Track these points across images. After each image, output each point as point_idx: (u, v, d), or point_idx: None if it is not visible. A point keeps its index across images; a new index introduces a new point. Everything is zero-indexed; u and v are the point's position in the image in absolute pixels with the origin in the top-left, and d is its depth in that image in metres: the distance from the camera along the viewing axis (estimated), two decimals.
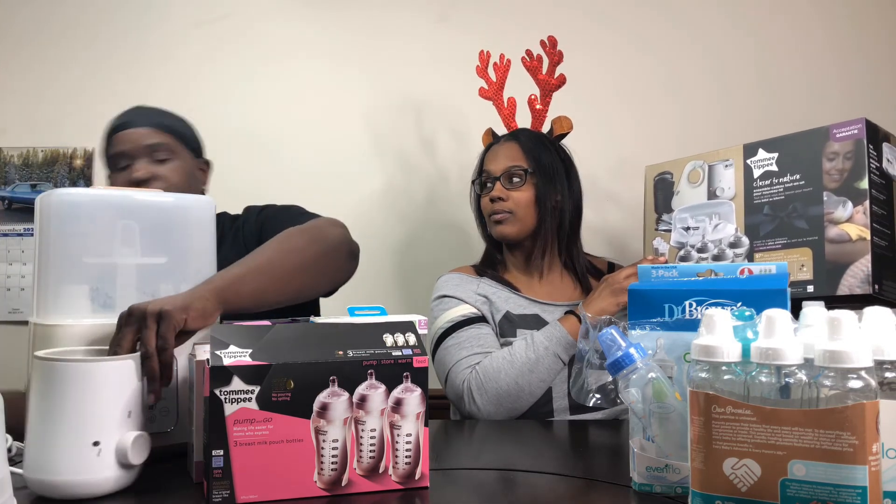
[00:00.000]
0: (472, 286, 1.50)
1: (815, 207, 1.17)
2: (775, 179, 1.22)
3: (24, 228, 1.98)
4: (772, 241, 1.20)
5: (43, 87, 2.00)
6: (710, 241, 1.28)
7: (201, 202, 1.06)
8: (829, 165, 1.16)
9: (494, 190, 1.49)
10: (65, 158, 1.99)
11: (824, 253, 1.15)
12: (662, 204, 1.38)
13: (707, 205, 1.30)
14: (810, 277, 1.16)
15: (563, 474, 0.92)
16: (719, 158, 1.31)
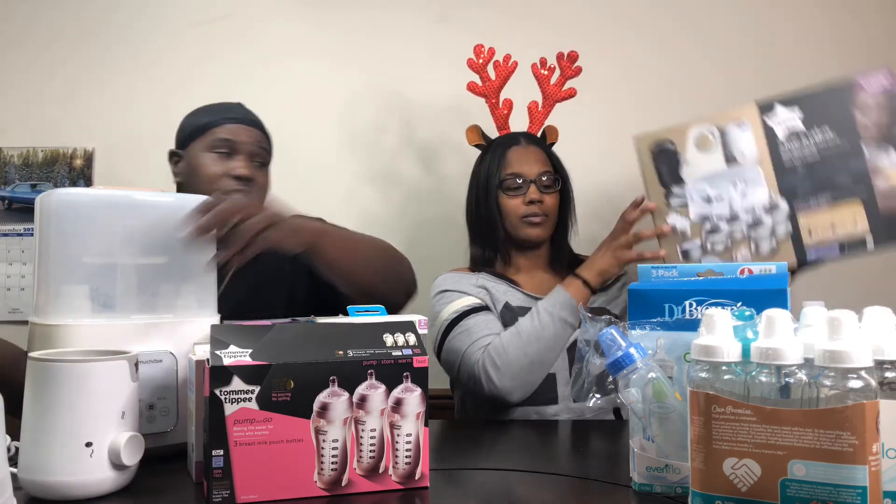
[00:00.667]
0: (472, 280, 1.51)
1: (856, 161, 1.15)
2: (804, 138, 1.19)
3: (24, 228, 1.98)
4: (814, 200, 1.18)
5: (43, 86, 2.00)
6: (741, 210, 1.22)
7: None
8: (863, 118, 1.15)
9: (531, 192, 1.50)
10: (65, 158, 1.99)
11: (877, 206, 1.14)
12: (669, 176, 1.29)
13: (728, 171, 1.23)
14: (867, 229, 1.15)
15: (562, 474, 0.92)
16: (730, 120, 1.24)
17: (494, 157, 1.56)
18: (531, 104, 1.66)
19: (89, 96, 1.99)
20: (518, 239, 1.53)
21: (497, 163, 1.55)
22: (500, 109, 1.68)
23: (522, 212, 1.51)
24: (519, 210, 1.51)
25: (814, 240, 1.17)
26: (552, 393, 1.39)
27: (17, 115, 2.00)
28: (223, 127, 1.38)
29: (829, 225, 1.16)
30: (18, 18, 2.01)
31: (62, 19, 2.01)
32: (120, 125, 1.98)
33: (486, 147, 1.62)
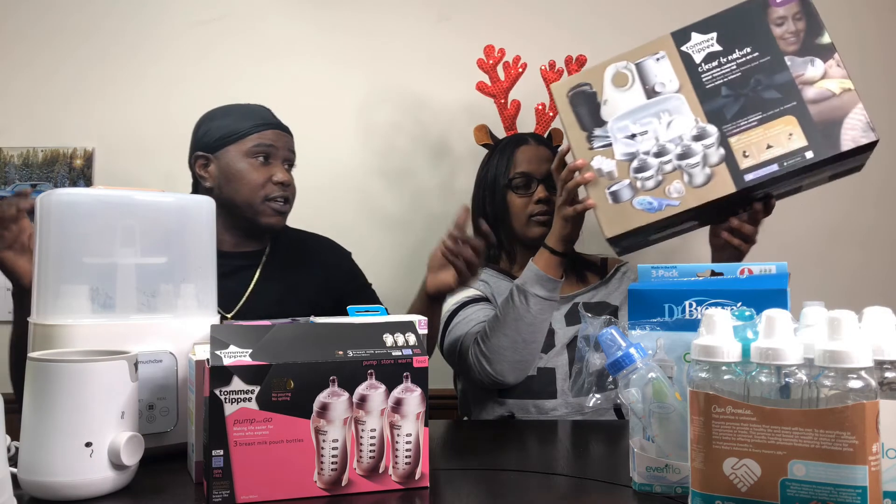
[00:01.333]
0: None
1: (780, 75, 1.12)
2: (723, 59, 1.14)
3: None
4: (744, 121, 1.13)
5: (43, 86, 2.00)
6: (667, 142, 1.16)
7: (201, 202, 1.06)
8: (780, 30, 1.12)
9: (539, 192, 1.52)
10: (65, 158, 1.99)
11: (810, 116, 1.09)
12: (589, 119, 1.23)
13: (649, 104, 1.18)
14: (805, 143, 1.10)
15: (563, 474, 0.92)
16: (646, 54, 1.20)
17: (503, 156, 1.57)
18: (538, 106, 1.68)
19: (89, 96, 1.99)
20: (525, 237, 1.54)
21: (506, 162, 1.56)
22: (508, 110, 1.69)
23: (530, 210, 1.52)
24: (527, 209, 1.53)
25: (750, 161, 1.12)
26: (551, 387, 1.40)
27: (17, 115, 2.00)
28: (262, 133, 1.40)
29: (763, 144, 1.12)
30: (19, 19, 2.01)
31: (62, 19, 2.01)
32: (120, 125, 1.98)
33: (493, 146, 1.64)
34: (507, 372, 1.36)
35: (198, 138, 1.44)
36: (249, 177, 1.37)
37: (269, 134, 1.41)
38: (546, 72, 1.66)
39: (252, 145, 1.38)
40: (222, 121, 1.42)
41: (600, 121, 1.22)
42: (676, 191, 1.15)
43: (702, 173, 1.14)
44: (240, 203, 1.38)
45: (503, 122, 1.69)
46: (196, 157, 1.42)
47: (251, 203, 1.38)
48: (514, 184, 1.54)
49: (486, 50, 1.69)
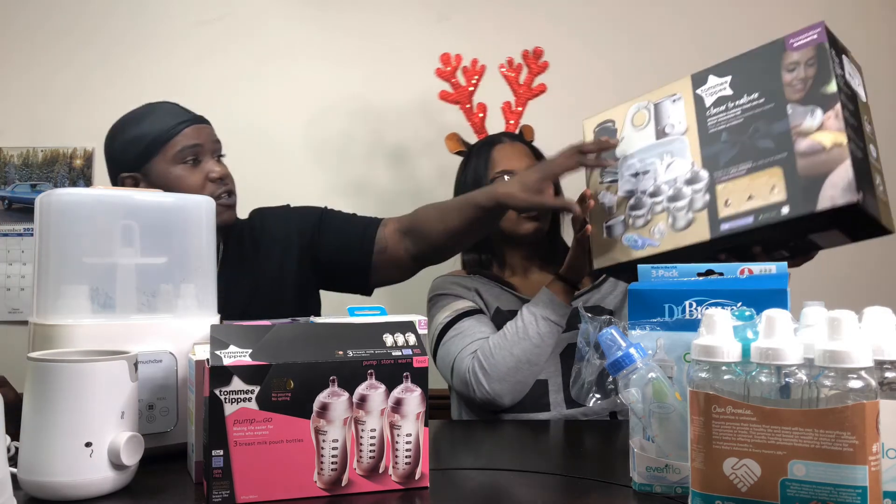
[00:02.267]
0: (465, 283, 1.51)
1: (779, 123, 1.04)
2: (731, 103, 1.10)
3: (24, 228, 1.98)
4: (735, 169, 1.07)
5: (42, 87, 2.00)
6: (663, 183, 1.15)
7: (201, 202, 1.06)
8: (791, 77, 1.04)
9: None
10: (65, 158, 1.99)
11: (796, 169, 1.01)
12: (606, 155, 1.24)
13: (656, 145, 1.17)
14: (783, 198, 1.02)
15: (563, 474, 0.92)
16: (665, 94, 1.18)
17: (480, 158, 1.55)
18: (504, 105, 1.67)
19: (89, 96, 1.99)
20: (517, 236, 1.52)
21: (484, 163, 1.54)
22: (475, 114, 1.68)
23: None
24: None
25: (729, 210, 1.07)
26: (544, 399, 1.39)
27: (17, 115, 2.00)
28: (181, 134, 1.32)
29: (746, 194, 1.05)
30: (19, 19, 2.01)
31: (63, 20, 2.01)
32: None
33: (468, 152, 1.62)
34: (505, 392, 1.34)
35: (116, 158, 1.35)
36: (186, 182, 1.30)
37: (190, 132, 1.32)
38: (506, 71, 1.66)
39: (177, 150, 1.31)
40: (135, 133, 1.32)
41: (613, 157, 1.23)
42: (659, 232, 1.14)
43: (684, 217, 1.12)
44: None
45: (473, 127, 1.69)
46: (122, 179, 1.33)
47: None
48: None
49: (443, 58, 1.69)
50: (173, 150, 1.31)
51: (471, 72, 1.69)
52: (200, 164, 1.33)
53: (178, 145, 1.31)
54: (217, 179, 1.32)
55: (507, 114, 1.68)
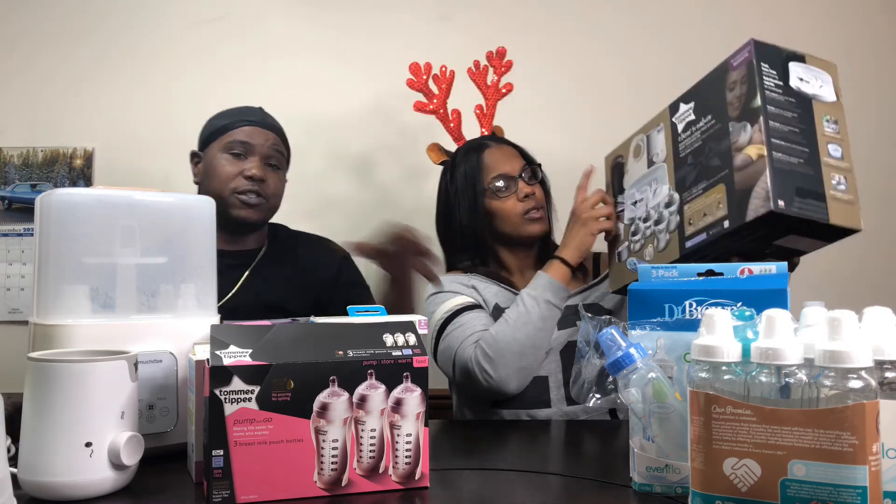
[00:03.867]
0: (463, 280, 1.51)
1: (724, 141, 1.08)
2: (694, 127, 1.16)
3: (24, 228, 1.98)
4: (696, 189, 1.13)
5: (43, 86, 2.00)
6: (651, 209, 1.23)
7: (201, 202, 1.06)
8: (731, 95, 1.09)
9: (522, 188, 1.49)
10: (65, 158, 1.99)
11: (734, 183, 1.06)
12: (617, 187, 1.34)
13: (647, 174, 1.26)
14: (725, 213, 1.07)
15: (563, 474, 0.92)
16: (652, 126, 1.26)
17: (469, 164, 1.53)
18: (476, 108, 1.68)
19: (89, 96, 1.99)
20: (520, 238, 1.51)
21: (476, 169, 1.52)
22: (451, 121, 1.68)
23: (521, 209, 1.48)
24: (517, 209, 1.48)
25: (691, 229, 1.13)
26: (545, 396, 1.39)
27: (17, 115, 2.00)
28: (240, 129, 1.44)
29: (701, 212, 1.11)
30: (19, 19, 2.01)
31: (62, 20, 2.01)
32: (120, 125, 1.98)
33: (451, 160, 1.60)
34: (511, 378, 1.34)
35: (199, 137, 1.51)
36: (222, 170, 1.42)
37: (248, 130, 1.44)
38: (473, 73, 1.67)
39: (229, 140, 1.43)
40: (213, 120, 1.49)
41: (622, 188, 1.33)
42: (649, 254, 1.22)
43: (664, 239, 1.19)
44: (213, 195, 1.34)
45: (451, 134, 1.68)
46: (192, 155, 1.51)
47: (221, 195, 1.40)
48: (495, 188, 1.49)
49: (412, 68, 1.69)
50: (228, 139, 1.44)
51: (441, 79, 1.69)
52: (244, 160, 1.43)
53: (232, 137, 1.44)
54: (249, 178, 1.41)
55: (481, 117, 1.68)
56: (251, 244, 1.50)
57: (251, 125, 1.45)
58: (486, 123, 1.68)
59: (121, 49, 2.00)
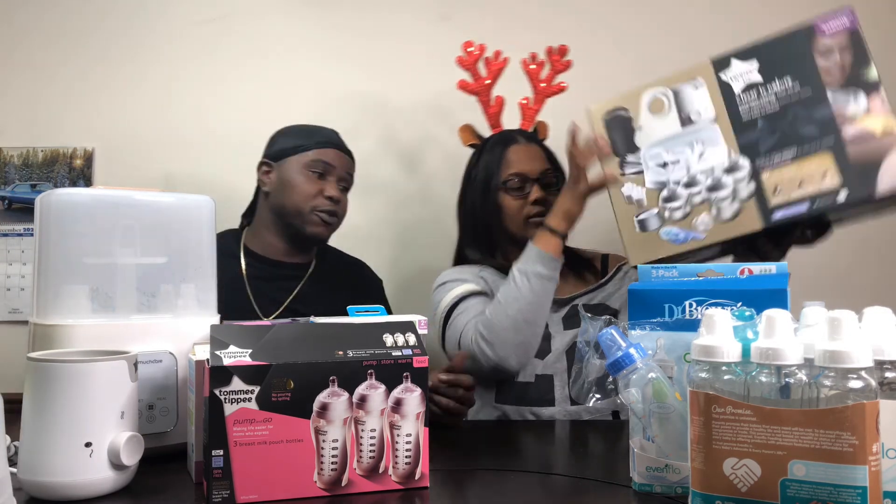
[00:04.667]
0: (473, 270, 1.51)
1: (820, 109, 1.05)
2: (763, 90, 1.09)
3: (24, 228, 1.98)
4: (778, 156, 1.07)
5: (43, 86, 2.00)
6: (699, 173, 1.13)
7: (201, 202, 1.06)
8: (825, 62, 1.05)
9: (535, 192, 1.48)
10: (65, 158, 1.99)
11: (847, 155, 1.02)
12: (623, 144, 1.21)
13: (683, 133, 1.15)
14: (838, 184, 1.02)
15: (563, 474, 0.92)
16: (684, 80, 1.16)
17: (493, 155, 1.53)
18: (522, 101, 1.64)
19: (89, 96, 1.99)
20: (524, 240, 1.48)
21: (497, 162, 1.52)
22: (492, 107, 1.65)
23: (527, 212, 1.48)
24: (524, 210, 1.48)
25: (780, 198, 1.07)
26: (549, 395, 1.38)
27: (17, 115, 2.00)
28: (324, 150, 1.51)
29: (796, 181, 1.06)
30: (18, 19, 2.01)
31: (62, 20, 2.01)
32: (120, 125, 1.98)
33: (480, 146, 1.60)
34: (510, 355, 1.34)
35: (267, 146, 1.56)
36: (303, 187, 1.48)
37: (329, 153, 1.51)
38: (527, 64, 1.64)
39: (310, 159, 1.49)
40: (290, 135, 1.54)
41: (634, 147, 1.20)
42: (703, 223, 1.13)
43: (730, 208, 1.11)
44: (290, 209, 1.48)
45: (488, 120, 1.66)
46: (261, 163, 1.54)
47: (300, 210, 1.47)
48: (508, 185, 1.49)
49: (464, 47, 1.65)
50: (308, 157, 1.50)
51: (493, 63, 1.65)
52: (324, 180, 1.50)
53: (314, 156, 1.50)
54: (329, 198, 1.49)
55: (525, 110, 1.64)
56: (302, 258, 1.56)
57: (331, 147, 1.52)
58: (528, 117, 1.63)
59: (121, 49, 2.00)
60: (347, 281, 1.60)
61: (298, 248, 1.54)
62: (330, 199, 1.48)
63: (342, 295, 1.53)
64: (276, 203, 1.50)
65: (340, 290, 1.55)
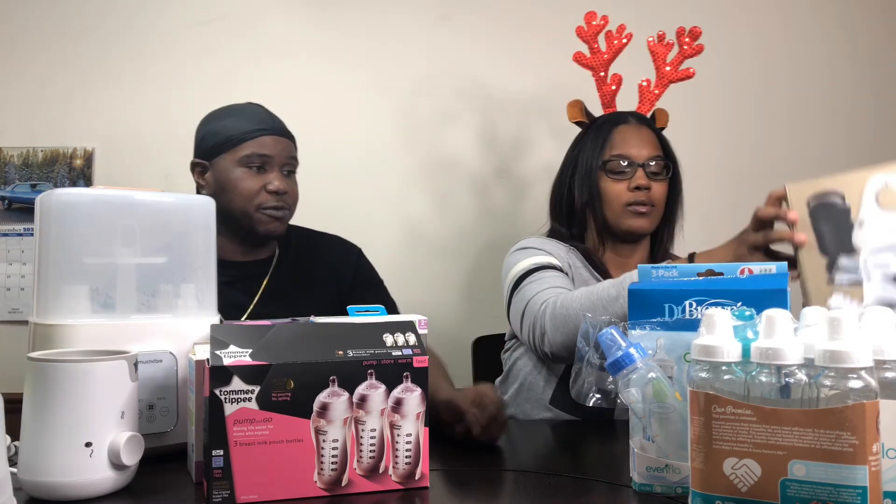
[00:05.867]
0: (562, 250, 1.41)
1: None
2: None
3: (24, 228, 1.98)
4: None
5: (43, 86, 2.00)
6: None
7: (201, 202, 1.06)
8: None
9: (638, 177, 1.37)
10: (65, 158, 1.99)
11: None
12: (834, 241, 0.96)
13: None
14: None
15: (563, 474, 0.92)
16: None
17: (598, 135, 1.41)
18: (643, 82, 1.51)
19: (89, 96, 1.99)
20: (618, 228, 1.39)
21: (601, 142, 1.40)
22: (607, 85, 1.51)
23: (626, 199, 1.37)
24: (623, 196, 1.38)
25: None
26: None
27: (17, 115, 2.00)
28: (255, 141, 1.36)
29: None
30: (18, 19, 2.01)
31: (62, 20, 2.01)
32: (120, 125, 1.98)
33: (588, 125, 1.49)
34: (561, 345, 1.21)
35: (197, 143, 1.43)
36: (242, 185, 1.35)
37: (265, 140, 1.37)
38: (654, 44, 1.49)
39: (245, 154, 1.36)
40: (218, 125, 1.39)
41: (850, 247, 0.95)
42: None
43: None
44: (235, 211, 1.36)
45: (601, 99, 1.52)
46: (194, 164, 1.42)
47: (246, 211, 1.36)
48: (609, 167, 1.38)
49: (587, 17, 1.50)
50: (243, 152, 1.36)
51: (615, 38, 1.50)
52: (265, 173, 1.37)
53: (248, 149, 1.36)
54: (273, 192, 1.36)
55: (644, 93, 1.50)
56: (264, 253, 1.46)
57: (265, 134, 1.38)
58: (646, 100, 1.50)
59: (121, 49, 2.00)
60: (319, 259, 1.50)
61: (253, 246, 1.44)
62: (275, 192, 1.36)
63: (317, 274, 1.47)
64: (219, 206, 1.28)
65: (313, 270, 1.47)
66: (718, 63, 1.86)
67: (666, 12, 1.72)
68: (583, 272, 1.39)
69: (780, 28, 2.02)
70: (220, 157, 1.38)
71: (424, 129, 2.00)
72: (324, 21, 2.02)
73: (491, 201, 2.01)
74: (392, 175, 2.01)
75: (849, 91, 2.01)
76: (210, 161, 1.39)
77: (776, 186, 1.04)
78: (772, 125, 2.02)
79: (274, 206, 1.36)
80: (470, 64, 1.79)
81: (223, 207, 1.31)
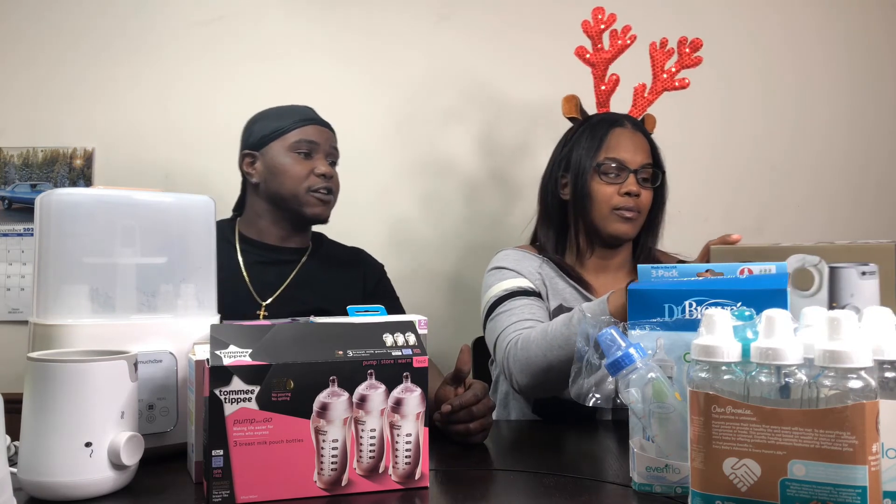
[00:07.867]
0: (533, 263, 1.42)
1: None
2: None
3: (24, 228, 1.98)
4: None
5: (43, 86, 2.00)
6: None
7: (201, 202, 1.06)
8: None
9: (629, 183, 1.38)
10: (65, 158, 1.99)
11: None
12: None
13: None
14: None
15: (563, 474, 0.92)
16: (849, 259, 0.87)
17: (594, 135, 1.41)
18: (638, 86, 1.52)
19: (89, 96, 1.99)
20: (604, 232, 1.40)
21: (597, 142, 1.40)
22: (605, 83, 1.52)
23: (615, 202, 1.38)
24: (612, 200, 1.38)
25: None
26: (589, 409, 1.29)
27: (17, 115, 2.00)
28: (303, 129, 1.48)
29: None
30: (18, 19, 2.01)
31: (62, 19, 2.01)
32: (120, 125, 1.98)
33: (581, 122, 1.48)
34: (530, 387, 1.25)
35: (244, 138, 1.53)
36: (293, 170, 1.45)
37: (310, 129, 1.48)
38: (655, 50, 1.50)
39: (294, 141, 1.46)
40: (266, 121, 1.51)
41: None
42: None
43: None
44: (285, 195, 1.46)
45: (597, 97, 1.52)
46: (244, 155, 1.52)
47: (296, 194, 1.45)
48: (603, 169, 1.38)
49: (595, 12, 1.50)
50: (291, 139, 1.47)
51: (619, 38, 1.51)
52: (312, 159, 1.48)
53: (296, 137, 1.47)
54: (321, 175, 1.46)
55: (638, 96, 1.51)
56: (301, 243, 1.55)
57: (312, 124, 1.49)
58: (639, 104, 1.51)
59: (121, 49, 2.00)
60: (348, 259, 1.59)
61: (298, 230, 1.52)
62: (323, 175, 1.46)
63: (345, 270, 1.55)
64: (269, 192, 1.47)
65: (339, 272, 1.54)
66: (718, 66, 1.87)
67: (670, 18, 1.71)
68: (558, 283, 1.41)
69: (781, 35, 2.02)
70: (269, 146, 1.48)
71: (424, 129, 2.00)
72: (324, 21, 2.01)
73: (491, 201, 2.01)
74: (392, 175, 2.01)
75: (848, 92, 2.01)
76: (259, 150, 1.49)
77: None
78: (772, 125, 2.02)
79: (322, 189, 1.46)
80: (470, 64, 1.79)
81: (273, 192, 1.47)
